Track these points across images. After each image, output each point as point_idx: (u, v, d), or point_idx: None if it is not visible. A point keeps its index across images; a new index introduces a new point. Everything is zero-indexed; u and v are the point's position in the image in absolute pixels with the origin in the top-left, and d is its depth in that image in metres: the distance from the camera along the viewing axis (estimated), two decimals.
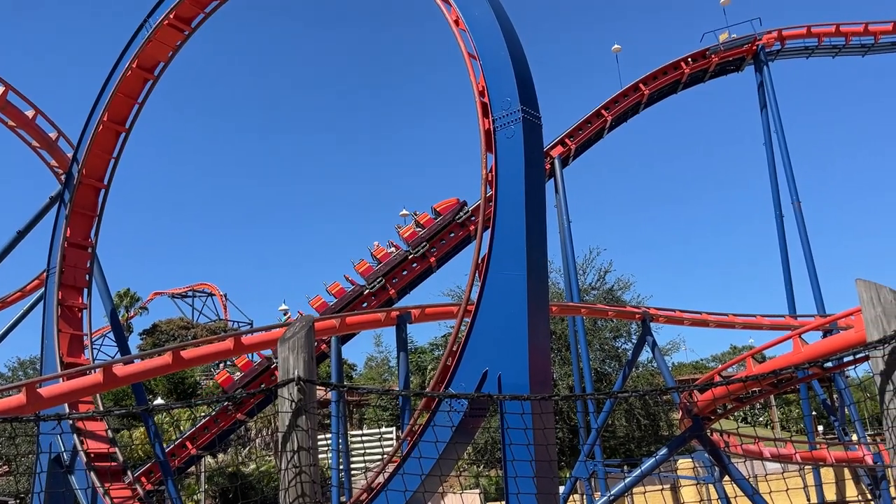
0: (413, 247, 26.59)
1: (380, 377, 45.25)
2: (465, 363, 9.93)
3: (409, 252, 26.52)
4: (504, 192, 10.22)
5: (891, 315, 2.88)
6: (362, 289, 26.49)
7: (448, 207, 27.21)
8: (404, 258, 26.57)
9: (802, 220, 28.00)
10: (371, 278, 26.40)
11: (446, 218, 26.68)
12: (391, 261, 26.57)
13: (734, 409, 17.89)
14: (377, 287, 26.33)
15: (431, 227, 26.71)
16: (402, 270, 26.51)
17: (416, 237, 26.67)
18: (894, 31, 31.48)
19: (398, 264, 26.60)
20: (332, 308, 26.19)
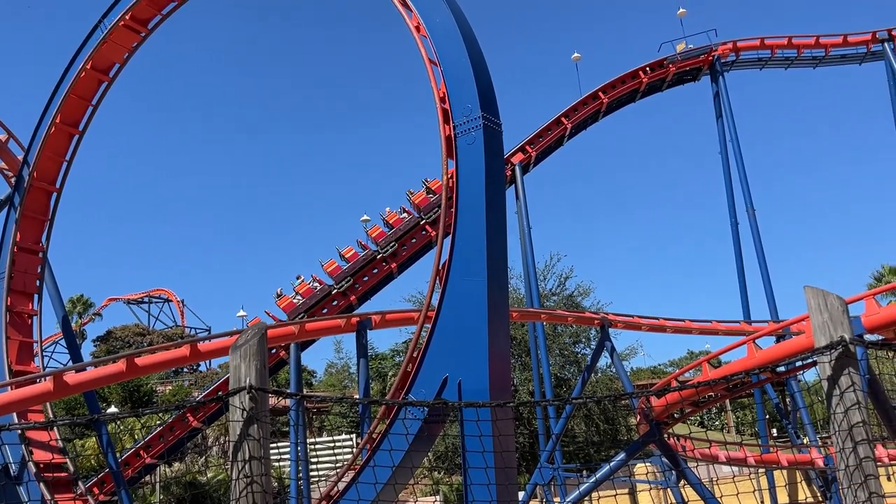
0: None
1: (340, 384, 44.90)
2: (425, 369, 9.91)
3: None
4: (465, 198, 10.24)
5: (837, 321, 2.94)
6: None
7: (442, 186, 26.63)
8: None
9: (757, 228, 28.60)
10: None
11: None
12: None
13: (690, 413, 18.14)
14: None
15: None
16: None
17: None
18: (844, 45, 32.38)
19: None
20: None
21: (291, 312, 25.92)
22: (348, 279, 26.14)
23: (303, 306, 26.00)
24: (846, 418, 2.86)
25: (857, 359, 2.92)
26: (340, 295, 26.13)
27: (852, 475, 2.84)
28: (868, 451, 2.85)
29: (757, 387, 20.96)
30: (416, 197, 26.51)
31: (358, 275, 26.32)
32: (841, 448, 2.93)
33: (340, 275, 26.13)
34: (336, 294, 26.16)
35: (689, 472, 15.54)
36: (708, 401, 17.10)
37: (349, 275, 26.15)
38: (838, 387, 2.91)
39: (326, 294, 26.23)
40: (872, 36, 31.78)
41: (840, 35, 32.39)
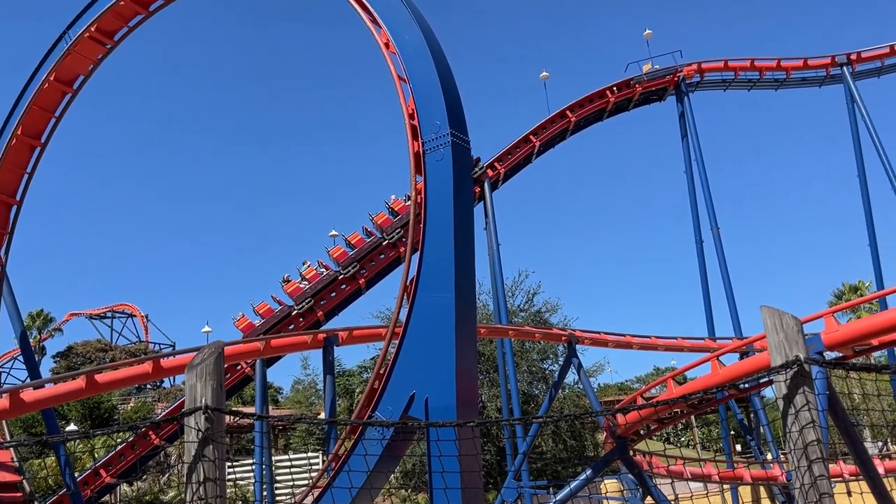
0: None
1: (307, 400, 44.39)
2: (392, 386, 9.84)
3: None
4: (433, 214, 10.24)
5: (792, 341, 2.98)
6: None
7: None
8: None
9: (721, 246, 29.04)
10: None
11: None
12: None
13: (657, 429, 18.25)
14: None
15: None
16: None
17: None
18: (804, 68, 33.20)
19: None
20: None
21: (298, 297, 25.96)
22: (355, 264, 26.15)
23: (310, 290, 25.99)
24: (801, 437, 2.90)
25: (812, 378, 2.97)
26: (349, 279, 26.13)
27: (807, 493, 2.87)
28: (822, 469, 2.90)
29: (721, 403, 21.17)
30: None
31: (322, 293, 26.25)
32: (796, 466, 2.96)
33: (347, 260, 26.22)
34: (343, 279, 26.11)
35: (655, 489, 15.61)
36: (673, 417, 17.22)
37: (355, 259, 26.15)
38: (793, 406, 2.94)
39: (333, 279, 26.19)
40: (831, 60, 32.64)
41: (801, 59, 33.22)
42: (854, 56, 32.60)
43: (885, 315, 12.25)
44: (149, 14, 17.44)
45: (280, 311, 26.15)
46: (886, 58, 33.04)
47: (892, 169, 29.28)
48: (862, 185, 31.13)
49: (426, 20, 11.51)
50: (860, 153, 31.35)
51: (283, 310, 26.13)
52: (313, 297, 26.02)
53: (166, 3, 17.21)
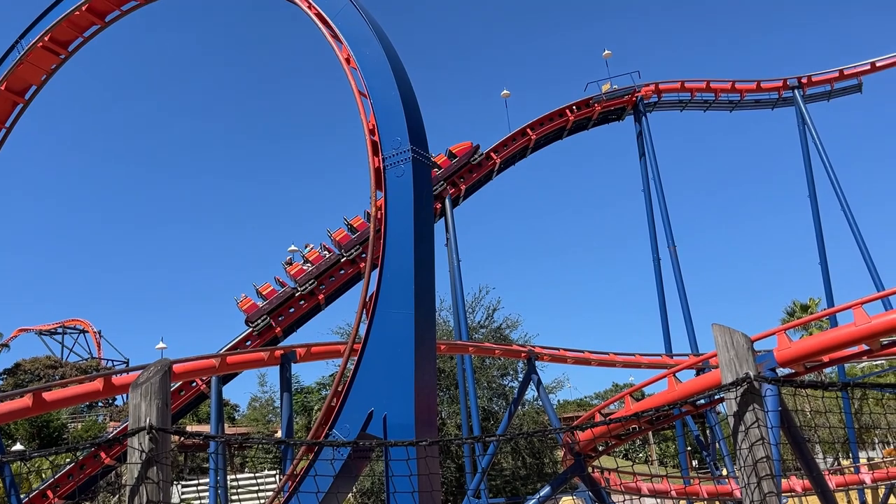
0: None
1: (264, 418, 43.74)
2: (350, 403, 9.72)
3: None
4: (393, 230, 10.20)
5: (743, 359, 3.02)
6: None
7: (463, 150, 29.00)
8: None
9: (678, 264, 29.49)
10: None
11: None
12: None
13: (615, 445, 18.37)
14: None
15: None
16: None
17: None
18: (758, 90, 34.07)
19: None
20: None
21: (302, 278, 26.17)
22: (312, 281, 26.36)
23: (314, 271, 26.26)
24: (751, 454, 2.93)
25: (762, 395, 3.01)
26: (307, 295, 26.29)
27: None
28: (772, 486, 2.92)
29: (677, 419, 21.41)
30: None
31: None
32: (746, 483, 2.99)
33: (304, 277, 26.38)
34: (344, 262, 26.37)
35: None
36: (631, 433, 17.35)
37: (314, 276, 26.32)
38: (744, 423, 2.97)
39: (335, 262, 26.44)
40: (784, 83, 33.56)
41: (754, 81, 34.08)
42: (805, 80, 33.56)
43: (834, 332, 12.55)
44: (104, 25, 17.15)
45: (283, 293, 26.25)
46: (836, 82, 34.09)
47: (841, 190, 30.13)
48: (813, 205, 31.95)
49: (387, 36, 11.54)
50: (811, 174, 32.20)
51: (286, 291, 26.31)
52: (316, 279, 26.28)
53: (122, 15, 16.96)
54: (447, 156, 29.44)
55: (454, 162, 29.21)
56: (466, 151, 29.64)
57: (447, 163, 29.16)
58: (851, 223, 29.38)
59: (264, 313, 25.74)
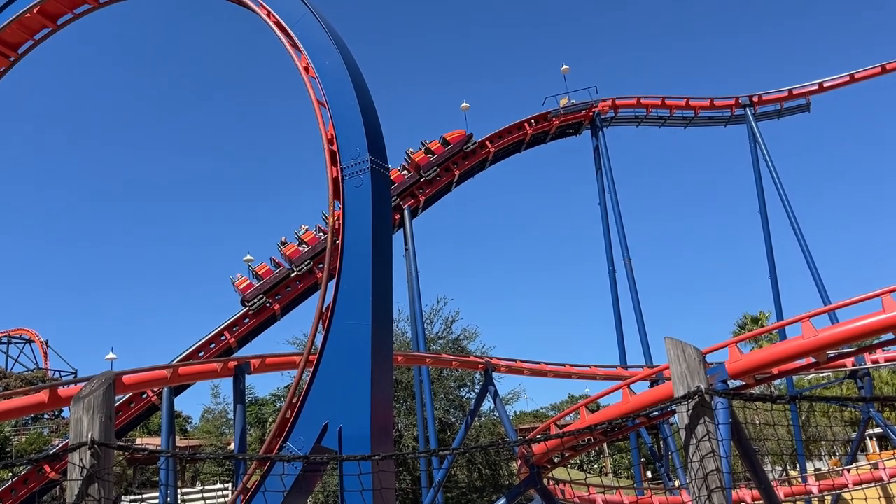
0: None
1: (217, 430, 42.95)
2: (304, 415, 9.59)
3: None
4: (351, 240, 10.13)
5: (694, 372, 3.06)
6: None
7: (457, 138, 30.12)
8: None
9: (632, 276, 29.91)
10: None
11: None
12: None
13: (570, 457, 18.47)
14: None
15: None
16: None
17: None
18: (711, 107, 34.84)
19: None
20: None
21: (297, 259, 26.62)
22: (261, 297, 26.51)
23: (309, 252, 26.81)
24: (702, 466, 2.96)
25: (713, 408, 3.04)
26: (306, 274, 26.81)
27: None
28: (722, 499, 2.95)
29: (632, 431, 21.63)
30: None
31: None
32: (697, 496, 3.01)
33: (253, 292, 26.54)
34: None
35: None
36: (586, 445, 17.46)
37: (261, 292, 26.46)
38: (695, 436, 3.01)
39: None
40: (736, 101, 34.40)
41: (708, 98, 34.86)
42: (756, 98, 34.46)
43: (783, 345, 12.84)
44: (56, 28, 16.75)
45: (279, 273, 26.48)
46: (785, 101, 35.06)
47: (790, 205, 30.92)
48: (763, 220, 32.74)
49: (347, 46, 11.50)
50: (761, 190, 33.01)
51: (282, 271, 26.50)
52: (312, 260, 26.73)
53: (74, 18, 16.59)
54: (441, 142, 30.18)
55: (448, 149, 29.99)
56: (460, 139, 30.46)
57: (441, 149, 29.92)
58: (800, 238, 30.16)
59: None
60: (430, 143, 30.19)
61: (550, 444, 14.06)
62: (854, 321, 11.96)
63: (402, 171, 29.64)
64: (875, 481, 20.51)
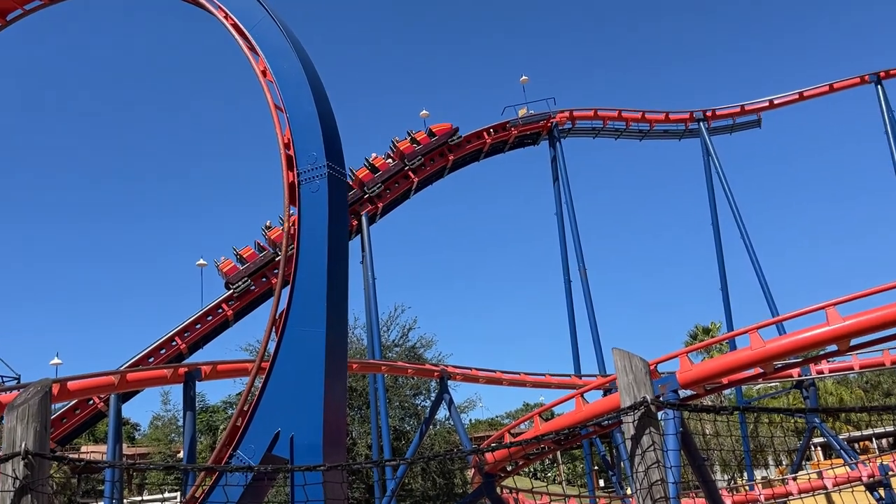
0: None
1: (166, 437, 42.04)
2: (255, 423, 9.45)
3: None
4: (306, 246, 10.04)
5: (641, 382, 3.10)
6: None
7: (443, 130, 30.73)
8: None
9: (587, 286, 30.21)
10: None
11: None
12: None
13: (524, 465, 18.54)
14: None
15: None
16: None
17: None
18: (666, 121, 35.50)
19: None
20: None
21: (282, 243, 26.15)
22: (379, 185, 28.72)
23: (355, 195, 28.03)
24: (646, 477, 2.99)
25: (658, 419, 3.08)
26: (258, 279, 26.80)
27: None
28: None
29: (585, 439, 21.81)
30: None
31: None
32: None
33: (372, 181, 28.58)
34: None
35: None
36: (540, 453, 17.56)
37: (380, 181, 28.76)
38: (640, 446, 3.04)
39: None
40: (690, 115, 35.11)
41: (663, 112, 35.51)
42: (710, 113, 35.22)
43: (732, 356, 13.09)
44: (5, 24, 16.31)
45: (264, 256, 26.59)
46: (737, 116, 35.93)
47: (741, 218, 31.63)
48: (715, 232, 33.43)
49: (305, 50, 11.42)
50: (714, 203, 33.71)
51: (267, 255, 26.58)
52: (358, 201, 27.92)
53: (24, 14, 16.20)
54: (427, 134, 30.83)
55: (433, 140, 30.63)
56: (446, 132, 31.14)
57: (427, 140, 30.54)
58: (750, 251, 30.85)
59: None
60: (417, 134, 30.82)
61: (504, 452, 14.09)
62: (799, 333, 12.26)
63: (386, 160, 30.21)
64: (819, 490, 21.02)
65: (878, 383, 50.99)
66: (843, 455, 22.06)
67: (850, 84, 34.24)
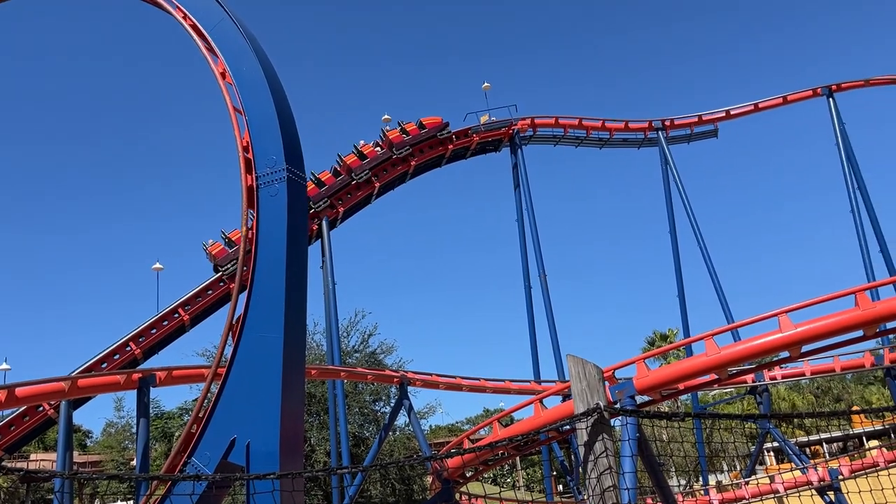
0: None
1: (119, 444, 41.13)
2: (211, 430, 9.28)
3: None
4: (264, 250, 9.91)
5: (594, 389, 3.11)
6: None
7: (433, 124, 31.49)
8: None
9: (548, 292, 30.37)
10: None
11: None
12: None
13: (483, 471, 18.56)
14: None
15: None
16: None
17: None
18: (626, 130, 35.94)
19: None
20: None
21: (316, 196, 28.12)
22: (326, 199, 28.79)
23: (325, 192, 28.48)
24: (599, 483, 3.01)
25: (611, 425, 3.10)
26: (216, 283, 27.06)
27: None
28: None
29: (543, 444, 21.91)
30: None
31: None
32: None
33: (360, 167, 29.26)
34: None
35: None
36: (499, 459, 17.59)
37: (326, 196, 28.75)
38: (593, 452, 3.05)
39: (345, 185, 28.88)
40: (649, 124, 35.62)
41: (623, 121, 35.96)
42: (668, 122, 35.79)
43: (688, 362, 13.28)
44: None
45: None
46: (695, 126, 36.56)
47: (698, 227, 32.16)
48: (673, 240, 33.95)
49: (265, 52, 11.30)
50: (671, 211, 34.24)
51: None
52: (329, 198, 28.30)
53: None
54: (417, 126, 31.45)
55: (423, 132, 31.33)
56: (436, 125, 31.88)
57: (416, 131, 31.21)
58: (706, 258, 31.37)
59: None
60: (407, 125, 31.44)
61: (463, 458, 14.08)
62: (753, 339, 12.49)
63: (374, 148, 30.76)
64: (772, 494, 21.43)
65: (828, 388, 52.26)
66: (795, 459, 22.52)
67: (803, 96, 35.10)
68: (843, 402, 50.79)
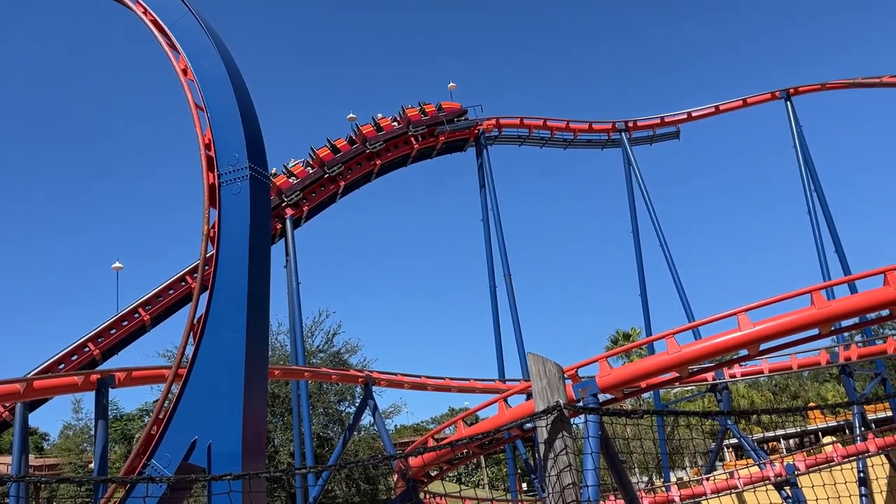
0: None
1: (77, 447, 40.33)
2: (171, 431, 9.17)
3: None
4: (227, 250, 9.80)
5: (554, 387, 3.14)
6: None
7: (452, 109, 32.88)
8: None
9: (512, 292, 30.48)
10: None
11: None
12: None
13: (447, 470, 18.56)
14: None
15: None
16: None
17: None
18: (590, 131, 36.23)
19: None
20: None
21: (287, 190, 28.42)
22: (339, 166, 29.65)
23: (298, 185, 28.73)
24: (559, 480, 3.03)
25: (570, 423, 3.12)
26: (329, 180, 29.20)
27: None
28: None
29: (507, 443, 22.02)
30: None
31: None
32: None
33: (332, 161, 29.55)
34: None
35: None
36: (463, 457, 17.62)
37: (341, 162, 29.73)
38: (553, 450, 3.08)
39: (318, 178, 29.16)
40: (612, 126, 35.95)
41: (587, 122, 36.24)
42: (631, 124, 36.14)
43: (649, 360, 13.45)
44: None
45: (314, 173, 28.80)
46: (657, 127, 37.00)
47: (660, 227, 32.54)
48: (635, 240, 34.32)
49: (227, 49, 11.17)
50: (634, 212, 34.61)
51: (317, 171, 28.77)
52: (302, 191, 28.58)
53: None
54: (437, 108, 32.78)
55: (441, 115, 32.73)
56: (455, 111, 33.28)
57: (434, 112, 32.55)
58: (668, 258, 31.76)
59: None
60: (426, 106, 32.56)
61: (427, 457, 14.08)
62: (713, 338, 12.69)
63: (392, 123, 31.82)
64: (730, 489, 21.82)
65: (785, 386, 53.39)
66: (753, 455, 22.95)
67: (762, 99, 35.71)
68: (800, 399, 51.92)
